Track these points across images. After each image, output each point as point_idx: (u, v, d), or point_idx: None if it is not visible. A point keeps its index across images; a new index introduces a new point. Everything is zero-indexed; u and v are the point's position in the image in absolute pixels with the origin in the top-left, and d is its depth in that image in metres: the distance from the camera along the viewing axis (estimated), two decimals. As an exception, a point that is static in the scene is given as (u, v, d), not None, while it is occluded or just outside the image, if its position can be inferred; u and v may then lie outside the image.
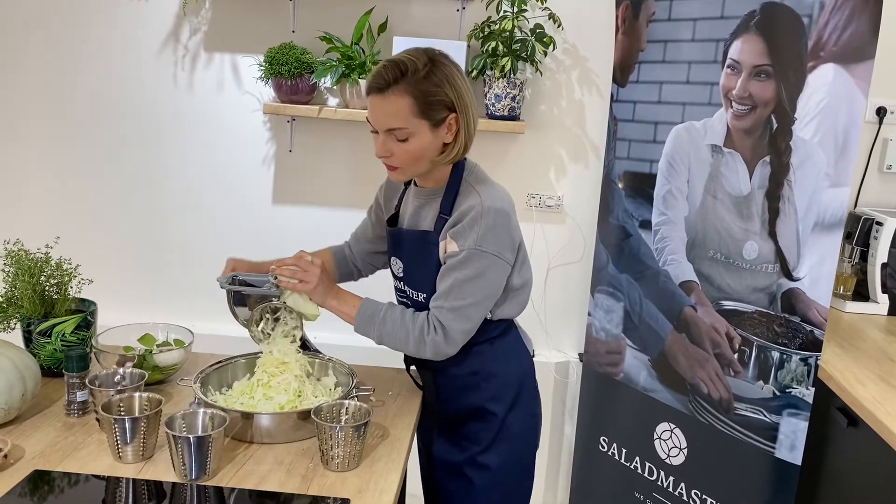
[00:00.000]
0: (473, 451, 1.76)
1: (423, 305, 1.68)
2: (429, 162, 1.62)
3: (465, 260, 1.58)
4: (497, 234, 1.59)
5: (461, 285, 1.58)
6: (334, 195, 2.86)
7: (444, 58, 1.60)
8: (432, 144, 1.59)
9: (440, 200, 1.67)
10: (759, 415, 2.09)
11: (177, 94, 2.82)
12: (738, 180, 2.11)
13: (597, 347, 2.63)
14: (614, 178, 2.52)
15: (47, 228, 2.83)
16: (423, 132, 1.57)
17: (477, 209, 1.58)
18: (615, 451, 2.58)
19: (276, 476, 1.42)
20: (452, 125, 1.59)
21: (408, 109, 1.55)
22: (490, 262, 1.59)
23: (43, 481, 1.37)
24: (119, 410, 1.49)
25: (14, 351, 1.58)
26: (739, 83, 2.07)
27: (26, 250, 1.77)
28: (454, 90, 1.57)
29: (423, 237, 1.68)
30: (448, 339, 1.60)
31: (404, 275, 1.74)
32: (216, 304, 2.06)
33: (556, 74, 2.71)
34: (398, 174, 1.64)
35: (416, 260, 1.70)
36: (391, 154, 1.59)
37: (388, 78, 1.54)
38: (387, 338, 1.63)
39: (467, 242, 1.58)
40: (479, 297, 1.61)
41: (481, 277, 1.59)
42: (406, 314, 1.63)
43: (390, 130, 1.57)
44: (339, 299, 1.67)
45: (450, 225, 1.62)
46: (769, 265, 2.05)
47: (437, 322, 1.60)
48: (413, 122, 1.56)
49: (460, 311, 1.59)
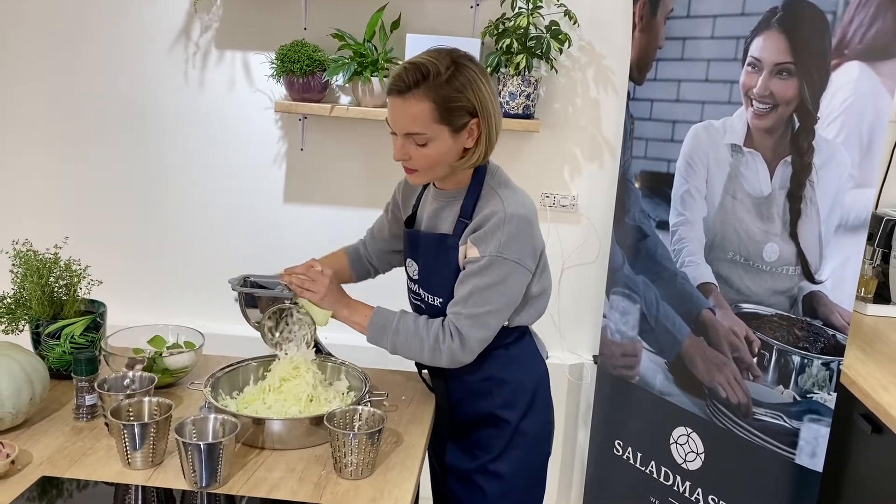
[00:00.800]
0: (485, 458, 1.73)
1: (439, 310, 1.65)
2: (448, 167, 1.59)
3: (486, 266, 1.54)
4: (519, 242, 1.55)
5: (481, 292, 1.55)
6: (346, 194, 2.83)
7: (469, 61, 1.55)
8: (452, 150, 1.56)
9: (461, 203, 1.63)
10: (779, 420, 2.05)
11: (188, 92, 2.80)
12: (759, 180, 2.07)
13: (612, 350, 2.59)
14: (631, 177, 2.48)
15: (56, 229, 2.81)
16: (443, 137, 1.53)
17: (500, 215, 1.54)
18: (630, 454, 2.54)
19: (289, 484, 1.39)
20: (474, 130, 1.55)
21: (428, 115, 1.51)
22: (511, 269, 1.55)
23: (50, 488, 1.35)
24: (128, 415, 1.46)
25: (22, 354, 1.56)
26: (760, 81, 2.03)
27: (35, 251, 1.75)
28: (476, 96, 1.52)
29: (441, 240, 1.64)
30: (465, 348, 1.56)
31: (420, 278, 1.71)
32: (227, 305, 2.04)
33: (571, 72, 2.67)
34: (416, 177, 1.61)
35: (433, 263, 1.66)
36: (409, 157, 1.56)
37: (408, 81, 1.50)
38: (400, 348, 1.60)
39: (489, 249, 1.54)
40: (499, 305, 1.57)
41: (502, 285, 1.55)
42: (419, 322, 1.60)
43: (409, 135, 1.54)
44: (350, 309, 1.64)
45: (471, 230, 1.58)
46: (790, 267, 2.01)
47: (453, 329, 1.56)
48: (433, 128, 1.52)
49: (479, 319, 1.56)
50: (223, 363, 1.76)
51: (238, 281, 1.76)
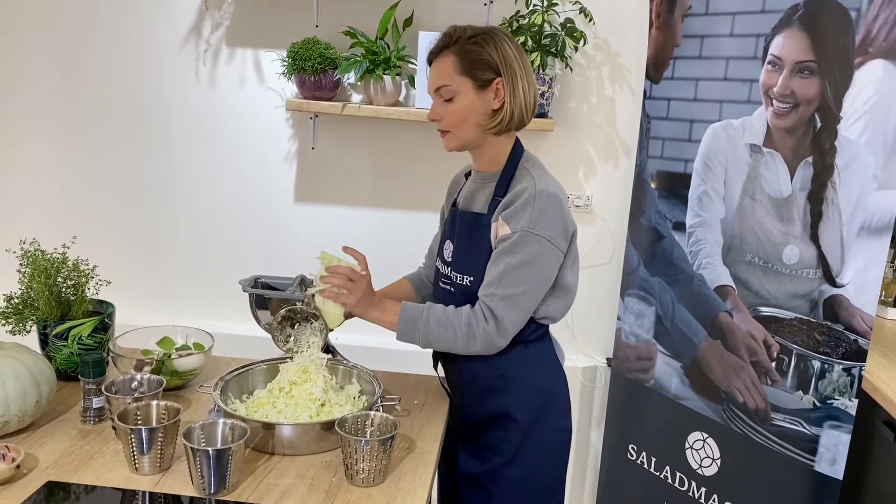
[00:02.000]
0: (495, 462, 1.69)
1: (468, 290, 1.63)
2: (476, 126, 1.61)
3: (518, 243, 1.54)
4: (550, 219, 1.55)
5: (514, 271, 1.54)
6: (357, 194, 2.81)
7: (500, 31, 1.63)
8: (478, 107, 1.60)
9: (495, 183, 1.65)
10: (798, 426, 2.01)
11: (199, 91, 2.78)
12: (779, 181, 2.02)
13: (626, 353, 2.55)
14: (647, 177, 2.44)
15: (64, 228, 2.79)
16: (467, 91, 1.59)
17: (530, 191, 1.55)
18: (644, 459, 2.50)
19: (299, 491, 1.36)
20: (500, 90, 1.59)
21: (452, 67, 1.59)
22: (543, 247, 1.54)
23: (56, 493, 1.32)
24: (136, 419, 1.43)
25: (28, 355, 1.53)
26: (781, 80, 1.98)
27: (42, 250, 1.72)
28: (500, 53, 1.58)
29: (475, 219, 1.65)
30: (500, 330, 1.55)
31: (453, 258, 1.70)
32: (237, 305, 2.01)
33: (586, 70, 2.63)
34: (449, 139, 1.64)
35: (467, 242, 1.67)
36: (440, 117, 1.62)
37: (439, 45, 1.62)
38: (433, 339, 1.58)
39: (520, 224, 1.54)
40: (532, 285, 1.56)
41: (534, 263, 1.54)
42: (448, 311, 1.58)
43: (438, 90, 1.61)
44: (381, 309, 1.62)
45: (502, 207, 1.59)
46: (810, 270, 1.96)
47: (487, 311, 1.55)
48: (457, 80, 1.59)
49: (513, 300, 1.54)
50: (233, 365, 1.73)
51: (249, 282, 1.74)
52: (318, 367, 1.64)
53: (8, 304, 1.71)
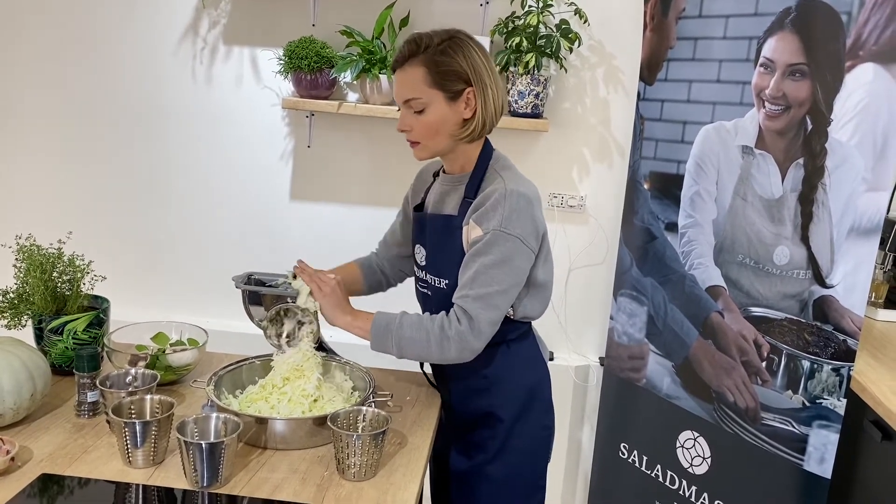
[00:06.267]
0: (479, 459, 1.71)
1: (445, 293, 1.63)
2: (448, 137, 1.60)
3: (490, 243, 1.53)
4: (521, 218, 1.55)
5: (487, 271, 1.53)
6: (353, 192, 2.82)
7: (466, 37, 1.60)
8: (450, 118, 1.58)
9: (465, 185, 1.65)
10: (788, 426, 2.02)
11: (195, 89, 2.78)
12: (770, 183, 2.04)
13: (619, 352, 2.57)
14: (640, 178, 2.45)
15: (61, 224, 2.80)
16: (438, 103, 1.56)
17: (500, 191, 1.55)
18: (636, 458, 2.52)
19: (291, 485, 1.37)
20: (471, 100, 1.58)
21: (421, 79, 1.55)
22: (515, 246, 1.54)
23: (51, 485, 1.33)
24: (130, 413, 1.44)
25: (24, 349, 1.54)
26: (773, 82, 2.00)
27: (38, 245, 1.73)
28: (469, 62, 1.56)
29: (446, 221, 1.65)
30: (475, 330, 1.52)
31: (427, 263, 1.70)
32: (232, 302, 2.02)
33: (580, 72, 2.65)
34: (419, 150, 1.63)
35: (439, 245, 1.66)
36: (411, 128, 1.59)
37: (405, 52, 1.58)
38: (406, 343, 1.55)
39: (491, 224, 1.54)
40: (506, 285, 1.55)
41: (507, 263, 1.54)
42: (423, 316, 1.58)
43: (407, 102, 1.58)
44: (353, 315, 1.61)
45: (473, 209, 1.59)
46: (801, 271, 1.98)
47: (461, 312, 1.53)
48: (427, 92, 1.56)
49: (487, 300, 1.53)
50: (226, 361, 1.74)
51: (242, 278, 1.75)
52: (312, 363, 1.65)
53: (3, 299, 1.72)
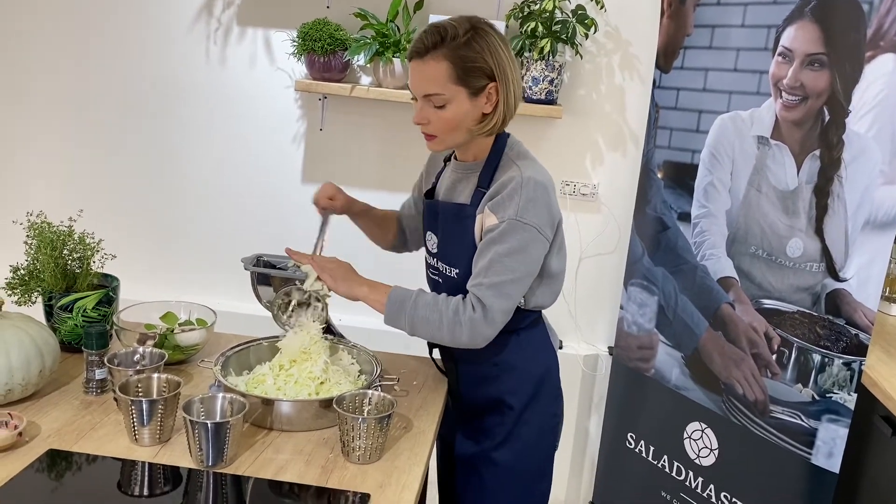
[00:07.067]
0: (487, 445, 1.70)
1: (456, 283, 1.62)
2: (466, 131, 1.57)
3: (505, 232, 1.51)
4: (537, 207, 1.52)
5: (501, 259, 1.51)
6: (365, 176, 2.81)
7: (488, 26, 1.55)
8: (470, 113, 1.54)
9: (478, 174, 1.62)
10: (796, 419, 2.01)
11: (209, 69, 2.78)
12: (785, 174, 2.02)
13: (628, 342, 2.56)
14: (653, 167, 2.43)
15: (72, 203, 2.81)
16: (461, 99, 1.53)
17: (517, 180, 1.52)
18: (643, 448, 2.51)
19: (296, 466, 1.37)
20: (492, 95, 1.54)
21: (445, 75, 1.51)
22: (531, 235, 1.52)
23: (58, 461, 1.34)
24: (137, 391, 1.45)
25: (33, 326, 1.55)
26: (791, 72, 1.97)
27: (49, 223, 1.74)
28: (494, 58, 1.52)
29: (459, 210, 1.62)
30: (487, 318, 1.50)
31: (438, 250, 1.69)
32: (241, 284, 2.02)
33: (596, 58, 2.62)
34: (435, 143, 1.59)
35: (451, 234, 1.65)
36: (428, 122, 1.56)
37: (427, 43, 1.52)
38: (419, 322, 1.54)
39: (507, 213, 1.51)
40: (520, 274, 1.53)
41: (522, 252, 1.52)
42: (439, 298, 1.56)
43: (428, 96, 1.54)
44: (370, 287, 1.60)
45: (488, 198, 1.56)
46: (814, 264, 1.96)
47: (475, 300, 1.52)
48: (450, 89, 1.52)
49: (500, 288, 1.51)
50: (234, 342, 1.74)
51: (251, 260, 1.75)
52: (319, 346, 1.65)
53: (14, 276, 1.72)
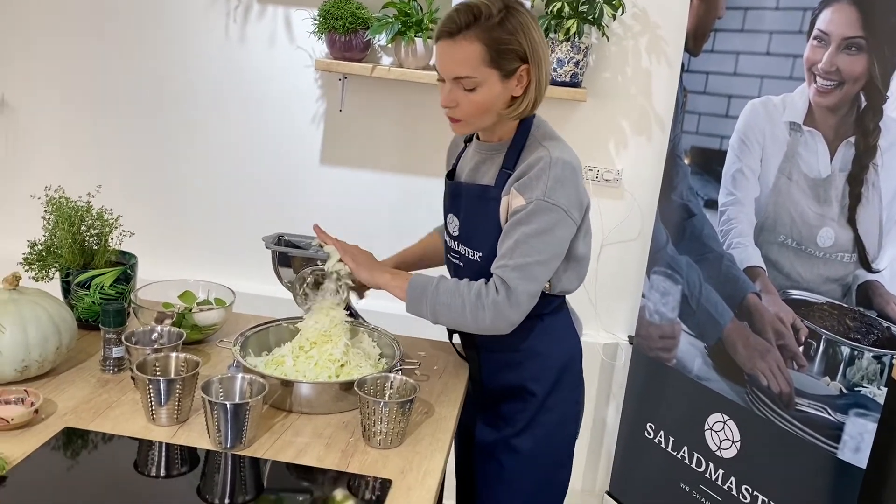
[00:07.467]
0: (508, 432, 1.67)
1: (479, 266, 1.58)
2: (496, 115, 1.53)
3: (532, 213, 1.47)
4: (565, 188, 1.48)
5: (528, 240, 1.47)
6: (384, 159, 2.77)
7: (521, 6, 1.50)
8: (501, 96, 1.50)
9: (503, 155, 1.57)
10: (823, 412, 1.97)
11: (228, 47, 2.74)
12: (818, 161, 1.97)
13: (649, 331, 2.52)
14: (680, 153, 2.38)
15: (90, 179, 2.79)
16: (492, 82, 1.48)
17: (545, 160, 1.48)
18: (662, 438, 2.47)
19: (315, 450, 1.35)
20: (524, 77, 1.50)
21: (478, 57, 1.46)
22: (558, 217, 1.47)
23: (74, 439, 1.32)
24: (155, 370, 1.42)
25: (50, 302, 1.52)
26: (826, 56, 1.92)
27: (67, 197, 1.71)
28: (528, 40, 1.48)
29: (482, 192, 1.58)
30: (512, 301, 1.46)
31: (460, 233, 1.64)
32: (260, 265, 2.00)
33: (623, 40, 2.57)
34: (461, 127, 1.55)
35: (474, 216, 1.60)
36: (456, 104, 1.51)
37: (459, 22, 1.47)
38: (441, 309, 1.51)
39: (535, 194, 1.47)
40: (546, 256, 1.49)
41: (548, 234, 1.47)
42: (460, 283, 1.52)
43: (458, 79, 1.49)
44: (392, 273, 1.57)
45: (514, 179, 1.51)
46: (846, 254, 1.91)
47: (499, 282, 1.47)
48: (482, 71, 1.47)
49: (526, 270, 1.46)
50: (253, 322, 1.71)
51: (272, 239, 1.72)
52: (340, 328, 1.62)
53: (32, 251, 1.70)
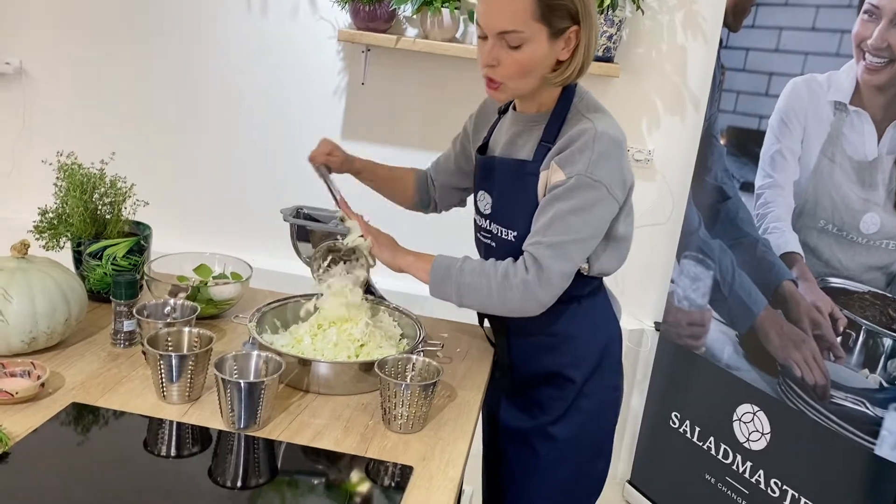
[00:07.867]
0: (544, 420, 1.59)
1: (514, 246, 1.48)
2: (538, 79, 1.41)
3: (573, 188, 1.37)
4: (610, 165, 1.38)
5: (564, 217, 1.37)
6: (406, 134, 2.69)
7: None
8: (546, 58, 1.39)
9: (543, 127, 1.46)
10: (861, 406, 1.88)
11: (250, 17, 2.67)
12: (864, 143, 1.87)
13: (678, 317, 2.43)
14: (716, 133, 2.29)
15: (104, 147, 2.73)
16: (540, 40, 1.37)
17: (590, 132, 1.37)
18: (687, 428, 2.40)
19: (333, 433, 1.28)
20: (572, 39, 1.39)
21: (528, 10, 1.34)
22: (600, 194, 1.37)
23: (82, 415, 1.26)
24: (167, 345, 1.36)
25: (59, 271, 1.46)
26: (877, 32, 1.82)
27: (80, 164, 1.65)
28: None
29: (519, 166, 1.47)
30: (542, 280, 1.37)
31: (492, 210, 1.54)
32: (276, 239, 1.93)
33: (658, 15, 2.47)
34: (500, 92, 1.44)
35: (509, 192, 1.50)
36: (498, 63, 1.39)
37: None
38: (466, 290, 1.42)
39: (576, 168, 1.37)
40: (584, 235, 1.39)
41: (588, 211, 1.37)
42: (486, 263, 1.44)
43: (502, 34, 1.37)
44: (415, 255, 1.49)
45: (555, 151, 1.41)
46: (891, 241, 1.82)
47: (529, 259, 1.38)
48: (531, 26, 1.35)
49: (561, 248, 1.37)
50: (270, 298, 1.65)
51: (291, 211, 1.65)
52: (360, 307, 1.55)
53: (42, 219, 1.64)
